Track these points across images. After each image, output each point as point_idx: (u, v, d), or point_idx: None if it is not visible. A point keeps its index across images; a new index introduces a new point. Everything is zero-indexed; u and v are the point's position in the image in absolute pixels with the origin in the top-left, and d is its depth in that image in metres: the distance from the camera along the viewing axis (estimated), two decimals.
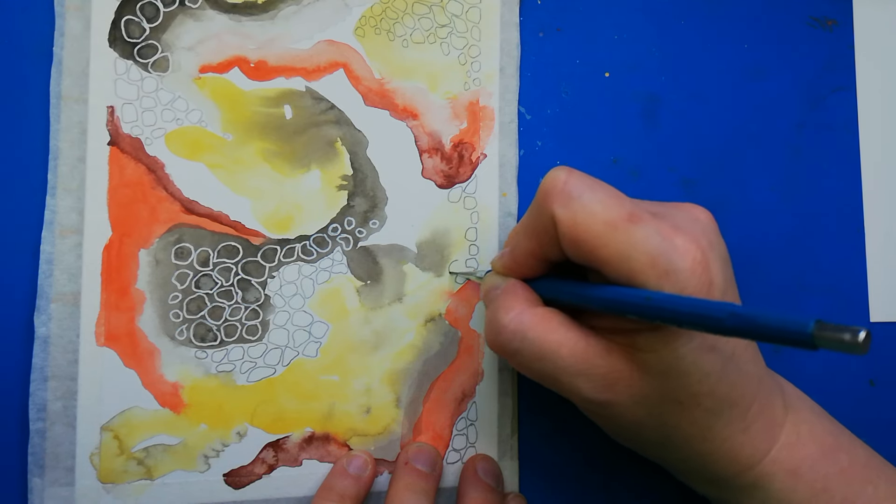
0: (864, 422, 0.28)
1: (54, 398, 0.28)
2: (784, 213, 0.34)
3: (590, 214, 0.23)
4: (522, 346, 0.24)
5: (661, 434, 0.25)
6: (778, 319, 0.18)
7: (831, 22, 0.36)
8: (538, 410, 0.32)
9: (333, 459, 0.30)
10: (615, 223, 0.22)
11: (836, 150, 0.35)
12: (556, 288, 0.26)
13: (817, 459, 0.26)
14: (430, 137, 0.32)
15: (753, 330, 0.19)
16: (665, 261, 0.22)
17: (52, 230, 0.28)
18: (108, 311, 0.28)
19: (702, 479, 0.27)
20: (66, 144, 0.29)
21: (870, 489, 0.26)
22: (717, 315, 0.20)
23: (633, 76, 0.34)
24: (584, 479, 0.32)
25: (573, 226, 0.23)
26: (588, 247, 0.23)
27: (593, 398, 0.24)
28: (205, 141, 0.30)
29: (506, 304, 0.25)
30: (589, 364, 0.24)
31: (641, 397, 0.24)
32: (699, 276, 0.22)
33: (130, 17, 0.29)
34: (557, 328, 0.24)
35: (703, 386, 0.24)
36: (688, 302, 0.21)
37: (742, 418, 0.25)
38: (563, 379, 0.24)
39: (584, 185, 0.23)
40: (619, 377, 0.24)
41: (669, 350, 0.23)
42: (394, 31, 0.31)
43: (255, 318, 0.30)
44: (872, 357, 0.34)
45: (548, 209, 0.23)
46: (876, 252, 0.35)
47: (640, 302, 0.22)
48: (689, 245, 0.23)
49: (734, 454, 0.25)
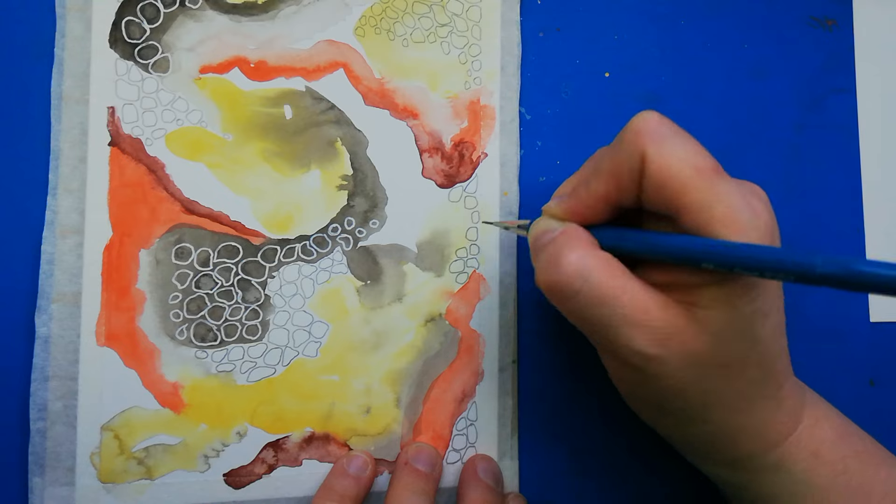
0: (864, 422, 0.28)
1: (55, 398, 0.28)
2: (784, 213, 0.34)
3: (682, 158, 0.23)
4: (583, 288, 0.23)
5: (701, 401, 0.24)
6: (875, 265, 0.18)
7: (831, 22, 0.36)
8: (538, 410, 0.32)
9: (333, 459, 0.30)
10: (705, 171, 0.22)
11: (836, 150, 0.35)
12: (622, 236, 0.25)
13: (835, 442, 0.26)
14: (430, 137, 0.32)
15: (850, 276, 0.19)
16: (743, 217, 0.22)
17: (52, 230, 0.28)
18: (108, 311, 0.29)
19: (723, 458, 0.27)
20: (67, 145, 0.29)
21: (883, 472, 0.26)
22: (809, 260, 0.20)
23: (633, 76, 0.34)
24: (584, 479, 0.32)
25: (664, 167, 0.23)
26: (674, 190, 0.23)
27: (646, 351, 0.23)
28: (205, 141, 0.30)
29: (569, 243, 0.24)
30: (648, 315, 0.23)
31: (692, 356, 0.23)
32: (769, 241, 0.23)
33: (131, 17, 0.29)
34: (621, 275, 0.24)
35: (753, 353, 0.24)
36: (774, 250, 0.21)
37: (777, 394, 0.25)
38: (619, 328, 0.23)
39: (676, 130, 0.23)
40: (675, 332, 0.23)
41: (729, 309, 0.23)
42: (394, 30, 0.31)
43: (255, 318, 0.30)
44: (872, 357, 0.34)
45: (638, 147, 0.23)
46: (876, 252, 0.35)
47: (722, 250, 0.21)
48: (764, 210, 0.23)
49: (765, 430, 0.25)
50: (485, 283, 0.32)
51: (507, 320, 0.32)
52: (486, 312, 0.32)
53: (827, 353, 0.34)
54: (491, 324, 0.32)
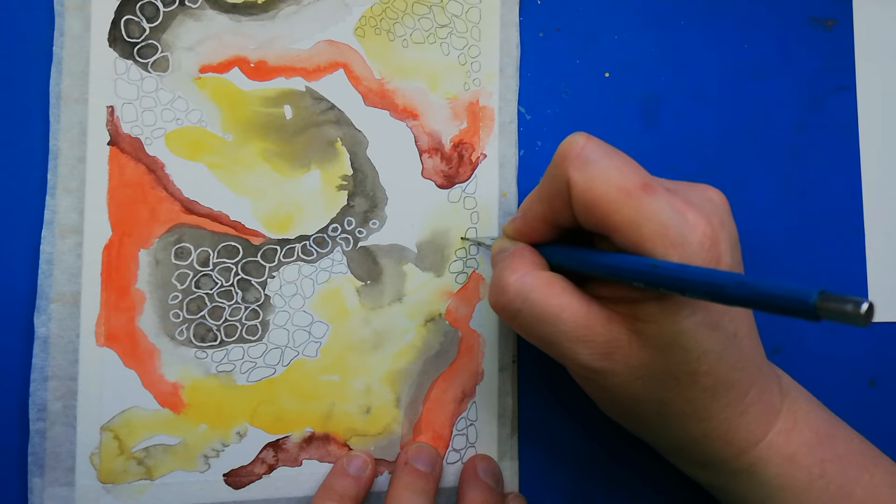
0: (864, 422, 0.28)
1: (54, 398, 0.28)
2: (784, 213, 0.34)
3: (605, 180, 0.23)
4: (524, 308, 0.24)
5: (656, 411, 0.25)
6: (782, 288, 0.18)
7: (831, 22, 0.36)
8: (538, 410, 0.32)
9: (333, 459, 0.30)
10: (629, 190, 0.23)
11: (836, 150, 0.35)
12: (564, 254, 0.26)
13: (814, 446, 0.26)
14: (430, 137, 0.32)
15: (757, 299, 0.19)
16: (675, 232, 0.22)
17: (52, 230, 0.28)
18: (108, 311, 0.28)
19: (695, 462, 0.27)
20: (66, 144, 0.28)
21: (866, 476, 0.26)
22: (721, 283, 0.20)
23: (633, 76, 0.34)
24: (584, 479, 0.32)
25: (587, 190, 0.23)
26: (600, 212, 0.23)
27: (591, 365, 0.24)
28: (205, 141, 0.30)
29: (512, 265, 0.25)
30: (589, 330, 0.24)
31: (639, 369, 0.24)
32: (707, 251, 0.23)
33: (130, 16, 0.29)
34: (561, 293, 0.24)
35: (702, 364, 0.24)
36: (693, 270, 0.21)
37: (739, 401, 0.25)
38: (563, 343, 0.24)
39: (601, 151, 0.24)
40: (619, 346, 0.24)
41: (671, 323, 0.23)
42: (394, 31, 0.31)
43: (255, 318, 0.30)
44: (872, 357, 0.34)
45: (563, 172, 0.24)
46: (876, 252, 0.35)
47: (646, 269, 0.22)
48: (700, 220, 0.23)
49: (729, 437, 0.25)
50: (485, 283, 0.32)
51: None
52: (486, 312, 0.32)
53: (827, 353, 0.34)
54: (491, 324, 0.32)
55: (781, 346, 0.34)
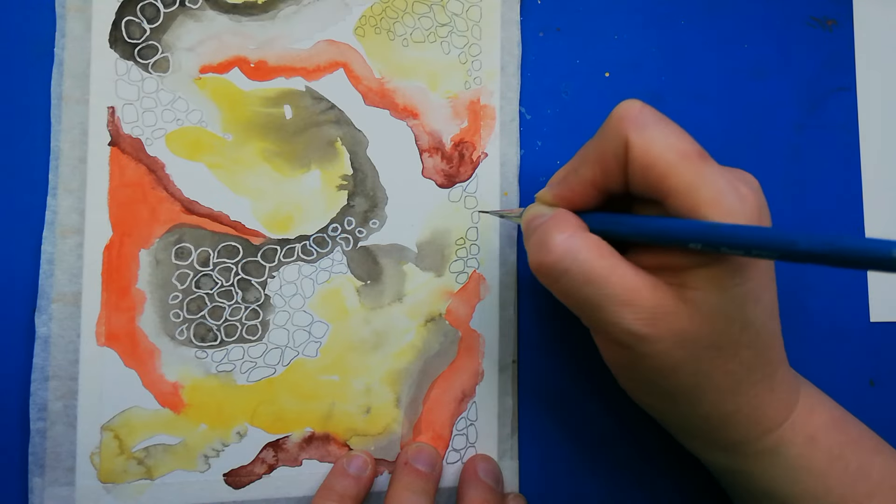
0: (864, 422, 0.28)
1: (55, 398, 0.28)
2: (784, 213, 0.34)
3: (664, 143, 0.23)
4: (572, 268, 0.24)
5: (693, 383, 0.24)
6: (859, 241, 0.18)
7: (831, 22, 0.36)
8: (538, 410, 0.32)
9: (333, 459, 0.30)
10: (689, 155, 0.23)
11: (836, 150, 0.35)
12: (611, 221, 0.25)
13: (830, 428, 0.26)
14: (430, 137, 0.32)
15: (833, 251, 0.19)
16: (729, 200, 0.22)
17: (52, 230, 0.28)
18: (108, 311, 0.29)
19: (718, 443, 0.27)
20: (67, 145, 0.29)
21: (879, 459, 0.27)
22: (791, 237, 0.20)
23: (633, 76, 0.34)
24: (584, 479, 0.32)
25: (647, 151, 0.23)
26: (658, 174, 0.23)
27: (636, 330, 0.23)
28: (205, 141, 0.30)
29: (558, 225, 0.25)
30: (637, 294, 0.23)
31: (683, 337, 0.23)
32: (756, 223, 0.23)
33: (131, 17, 0.29)
34: (609, 255, 0.24)
35: (744, 335, 0.24)
36: (758, 229, 0.21)
37: (770, 378, 0.25)
38: (609, 307, 0.24)
39: (659, 116, 0.24)
40: (665, 312, 0.23)
41: (718, 291, 0.23)
42: (394, 30, 0.31)
43: (255, 318, 0.30)
44: (872, 357, 0.34)
45: (621, 133, 0.23)
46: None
47: (708, 230, 0.22)
48: (751, 194, 0.23)
49: (758, 415, 0.25)
50: (485, 283, 0.32)
51: (507, 320, 0.32)
52: (486, 312, 0.32)
53: (827, 353, 0.34)
54: (491, 324, 0.32)
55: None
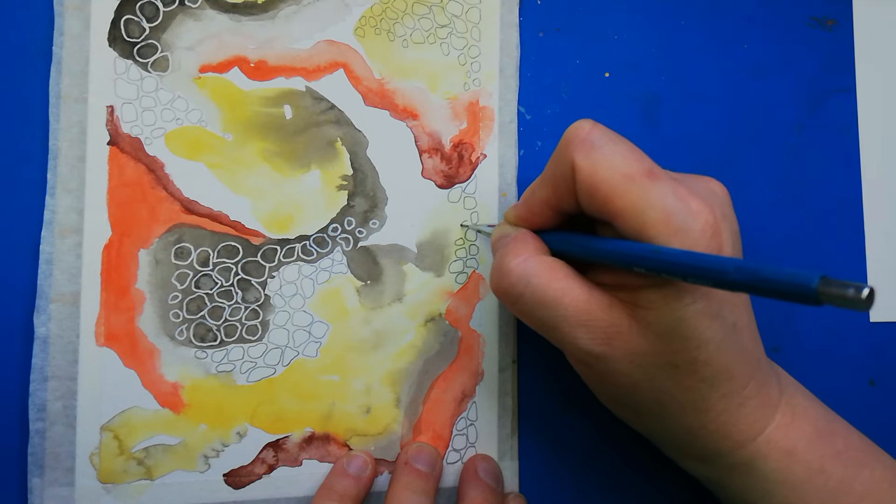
0: (864, 422, 0.28)
1: (54, 398, 0.28)
2: (784, 213, 0.34)
3: (609, 165, 0.23)
4: (526, 292, 0.24)
5: (655, 399, 0.25)
6: (783, 273, 0.18)
7: (831, 22, 0.36)
8: (538, 410, 0.32)
9: (333, 459, 0.30)
10: (633, 176, 0.23)
11: (836, 150, 0.35)
12: (566, 240, 0.26)
13: (813, 441, 0.26)
14: (429, 137, 0.32)
15: (759, 284, 0.19)
16: (678, 219, 0.22)
17: (51, 230, 0.28)
18: (107, 311, 0.28)
19: (693, 455, 0.27)
20: (66, 144, 0.28)
21: (865, 472, 0.26)
22: (722, 268, 0.20)
23: (633, 76, 0.34)
24: (584, 479, 0.32)
25: (592, 174, 0.23)
26: (604, 197, 0.23)
27: (591, 350, 0.24)
28: (205, 141, 0.30)
29: (514, 249, 0.25)
30: (590, 315, 0.24)
31: (638, 355, 0.24)
32: (709, 240, 0.23)
33: (130, 16, 0.29)
34: (563, 277, 0.24)
35: (702, 353, 0.24)
36: (694, 256, 0.21)
37: (738, 393, 0.25)
38: (564, 328, 0.24)
39: (607, 137, 0.24)
40: (619, 331, 0.24)
41: (671, 310, 0.23)
42: (394, 31, 0.31)
43: (255, 318, 0.30)
44: (872, 357, 0.34)
45: (568, 157, 0.24)
46: (876, 252, 0.35)
47: (647, 255, 0.22)
48: (703, 209, 0.23)
49: (727, 429, 0.25)
50: (485, 283, 0.32)
51: (507, 320, 0.32)
52: (486, 312, 0.32)
53: (827, 353, 0.34)
54: (491, 324, 0.32)
55: (781, 345, 0.34)
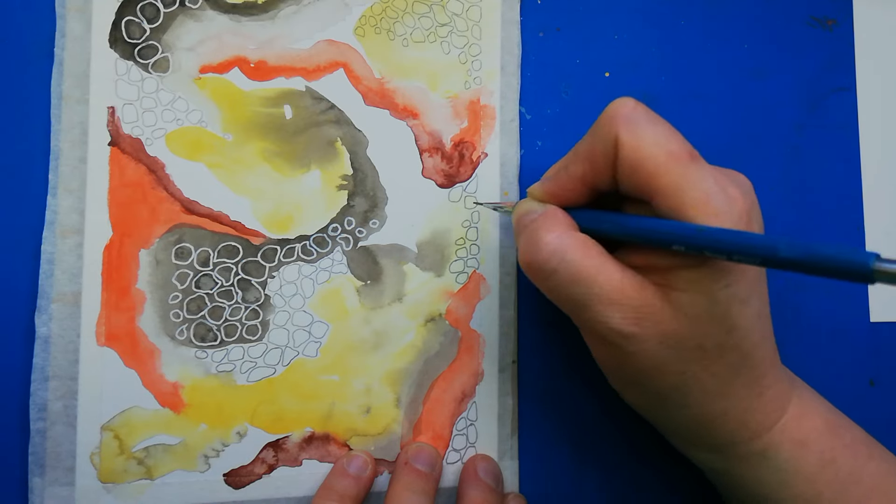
0: (864, 422, 0.28)
1: (55, 398, 0.28)
2: (784, 213, 0.34)
3: (654, 143, 0.23)
4: (560, 268, 0.24)
5: (679, 383, 0.25)
6: (839, 251, 0.18)
7: (831, 22, 0.36)
8: (538, 410, 0.32)
9: (333, 459, 0.30)
10: (678, 156, 0.23)
11: (836, 150, 0.35)
12: (597, 218, 0.25)
13: (823, 433, 0.26)
14: (430, 137, 0.32)
15: (812, 260, 0.19)
16: (717, 202, 0.22)
17: (52, 230, 0.28)
18: (108, 311, 0.29)
19: (706, 444, 0.27)
20: (67, 145, 0.29)
21: (872, 464, 0.27)
22: (772, 244, 0.20)
23: (633, 76, 0.34)
24: (584, 479, 0.32)
25: (636, 149, 0.23)
26: (646, 174, 0.23)
27: (621, 329, 0.24)
28: (205, 141, 0.30)
29: (546, 224, 0.25)
30: (623, 294, 0.24)
31: (668, 337, 0.24)
32: (745, 226, 0.23)
33: (131, 17, 0.29)
34: (596, 255, 0.24)
35: (731, 337, 0.24)
36: (742, 234, 0.21)
37: (758, 382, 0.25)
38: (595, 306, 0.24)
39: (651, 116, 0.24)
40: (651, 312, 0.24)
41: (704, 292, 0.23)
42: (394, 30, 0.31)
43: (255, 318, 0.30)
44: (872, 357, 0.34)
45: (612, 132, 0.24)
46: (876, 252, 0.35)
47: (691, 233, 0.22)
48: (739, 196, 0.23)
49: (746, 418, 0.25)
50: (485, 283, 0.32)
51: (507, 320, 0.32)
52: (486, 312, 0.32)
53: (827, 353, 0.34)
54: (491, 324, 0.32)
55: (781, 346, 0.34)
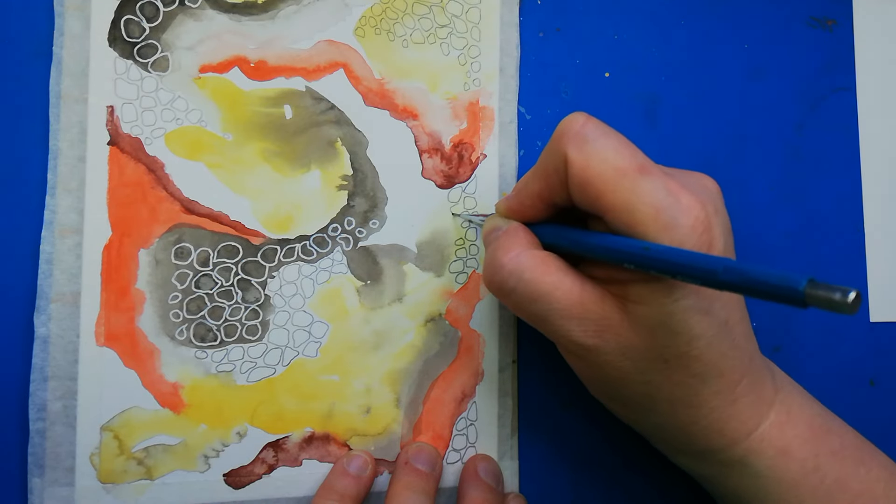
0: (864, 422, 0.28)
1: (54, 398, 0.28)
2: (784, 213, 0.34)
3: (601, 160, 0.23)
4: (518, 287, 0.24)
5: (645, 392, 0.25)
6: (771, 275, 0.18)
7: (831, 22, 0.36)
8: (538, 410, 0.32)
9: (333, 459, 0.30)
10: (625, 171, 0.23)
11: (836, 150, 0.35)
12: (557, 233, 0.26)
13: (808, 439, 0.26)
14: (430, 137, 0.32)
15: (747, 284, 0.19)
16: (668, 215, 0.22)
17: (51, 230, 0.28)
18: (108, 311, 0.28)
19: (684, 451, 0.27)
20: (66, 144, 0.28)
21: (862, 471, 0.26)
22: (711, 267, 0.20)
23: (633, 76, 0.34)
24: (584, 479, 0.32)
25: (584, 168, 0.23)
26: (595, 191, 0.23)
27: (582, 342, 0.24)
28: (205, 141, 0.30)
29: (506, 244, 0.25)
30: (582, 308, 0.24)
31: (629, 349, 0.24)
32: (700, 236, 0.23)
33: (130, 16, 0.29)
34: (554, 271, 0.24)
35: (693, 348, 0.24)
36: (684, 254, 0.21)
37: (730, 390, 0.25)
38: (556, 321, 0.24)
39: (600, 131, 0.24)
40: (610, 324, 0.24)
41: (661, 305, 0.23)
42: (394, 31, 0.31)
43: (255, 318, 0.30)
44: (872, 357, 0.34)
45: (561, 149, 0.24)
46: (876, 252, 0.35)
47: (637, 251, 0.22)
48: (694, 204, 0.23)
49: (720, 426, 0.25)
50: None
51: (507, 320, 0.32)
52: (486, 312, 0.32)
53: (827, 353, 0.34)
54: (491, 324, 0.32)
55: (781, 345, 0.34)
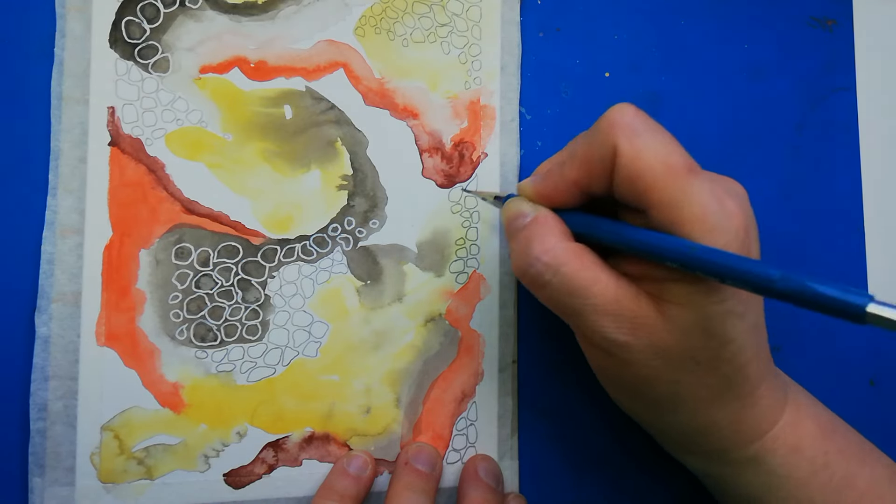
0: (864, 422, 0.28)
1: (55, 398, 0.28)
2: (784, 213, 0.34)
3: (653, 154, 0.23)
4: (554, 281, 0.24)
5: (672, 391, 0.25)
6: (835, 290, 0.18)
7: (831, 22, 0.36)
8: (538, 410, 0.32)
9: (333, 459, 0.30)
10: (676, 169, 0.22)
11: (836, 150, 0.35)
12: (591, 224, 0.25)
13: (817, 438, 0.26)
14: (430, 137, 0.32)
15: (806, 296, 0.19)
16: (714, 218, 0.22)
17: (52, 230, 0.28)
18: (108, 311, 0.29)
19: (699, 450, 0.27)
20: (67, 145, 0.29)
21: (866, 470, 0.27)
22: (767, 276, 0.20)
23: (633, 76, 0.34)
24: (584, 479, 0.32)
25: (634, 160, 0.23)
26: (644, 185, 0.23)
27: (615, 338, 0.24)
28: (205, 141, 0.30)
29: (539, 234, 0.24)
30: (618, 305, 0.23)
31: (661, 348, 0.24)
32: (741, 242, 0.22)
33: (131, 17, 0.29)
34: (591, 266, 0.24)
35: (725, 351, 0.24)
36: (738, 259, 0.21)
37: (752, 393, 0.25)
38: (590, 316, 0.24)
39: (651, 125, 0.23)
40: (645, 323, 0.23)
41: (699, 307, 0.23)
42: (394, 30, 0.31)
43: (255, 318, 0.30)
44: (872, 357, 0.34)
45: (611, 139, 0.23)
46: (876, 252, 0.35)
47: (686, 251, 0.22)
48: (738, 211, 0.23)
49: (738, 426, 0.25)
50: (485, 283, 0.32)
51: (507, 320, 0.32)
52: (486, 312, 0.32)
53: (827, 353, 0.34)
54: (491, 324, 0.32)
55: (781, 345, 0.34)
